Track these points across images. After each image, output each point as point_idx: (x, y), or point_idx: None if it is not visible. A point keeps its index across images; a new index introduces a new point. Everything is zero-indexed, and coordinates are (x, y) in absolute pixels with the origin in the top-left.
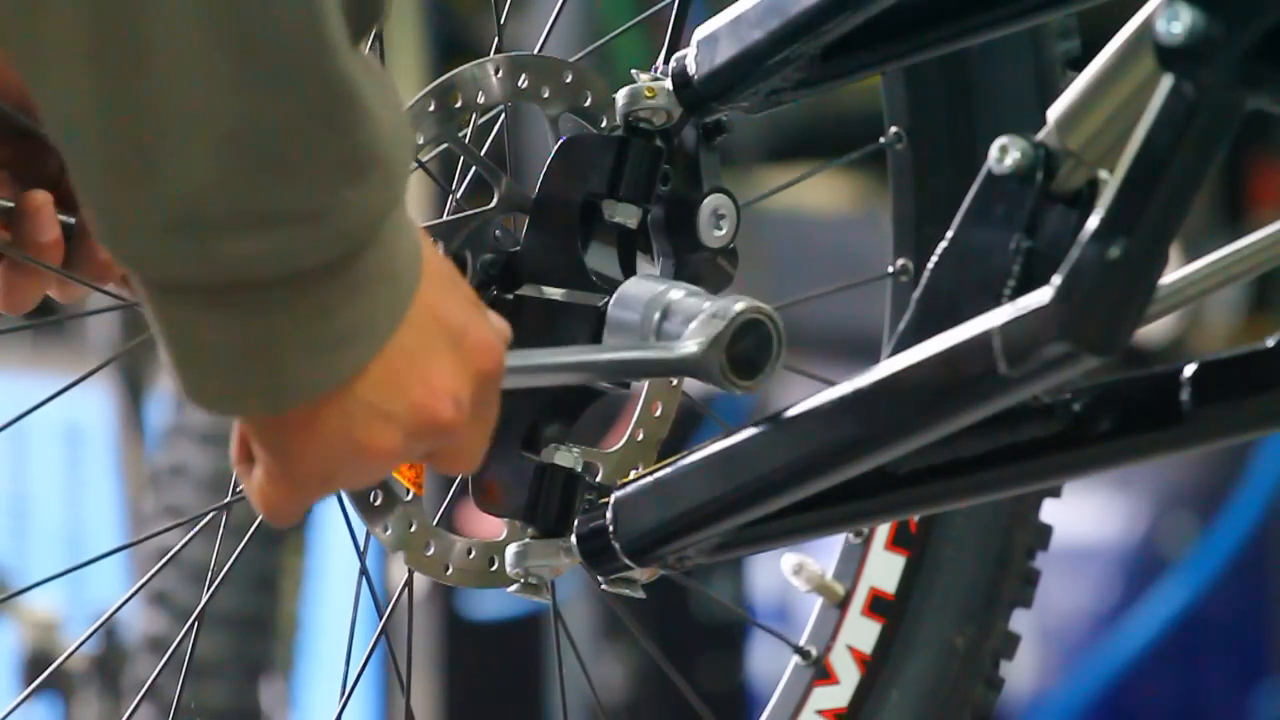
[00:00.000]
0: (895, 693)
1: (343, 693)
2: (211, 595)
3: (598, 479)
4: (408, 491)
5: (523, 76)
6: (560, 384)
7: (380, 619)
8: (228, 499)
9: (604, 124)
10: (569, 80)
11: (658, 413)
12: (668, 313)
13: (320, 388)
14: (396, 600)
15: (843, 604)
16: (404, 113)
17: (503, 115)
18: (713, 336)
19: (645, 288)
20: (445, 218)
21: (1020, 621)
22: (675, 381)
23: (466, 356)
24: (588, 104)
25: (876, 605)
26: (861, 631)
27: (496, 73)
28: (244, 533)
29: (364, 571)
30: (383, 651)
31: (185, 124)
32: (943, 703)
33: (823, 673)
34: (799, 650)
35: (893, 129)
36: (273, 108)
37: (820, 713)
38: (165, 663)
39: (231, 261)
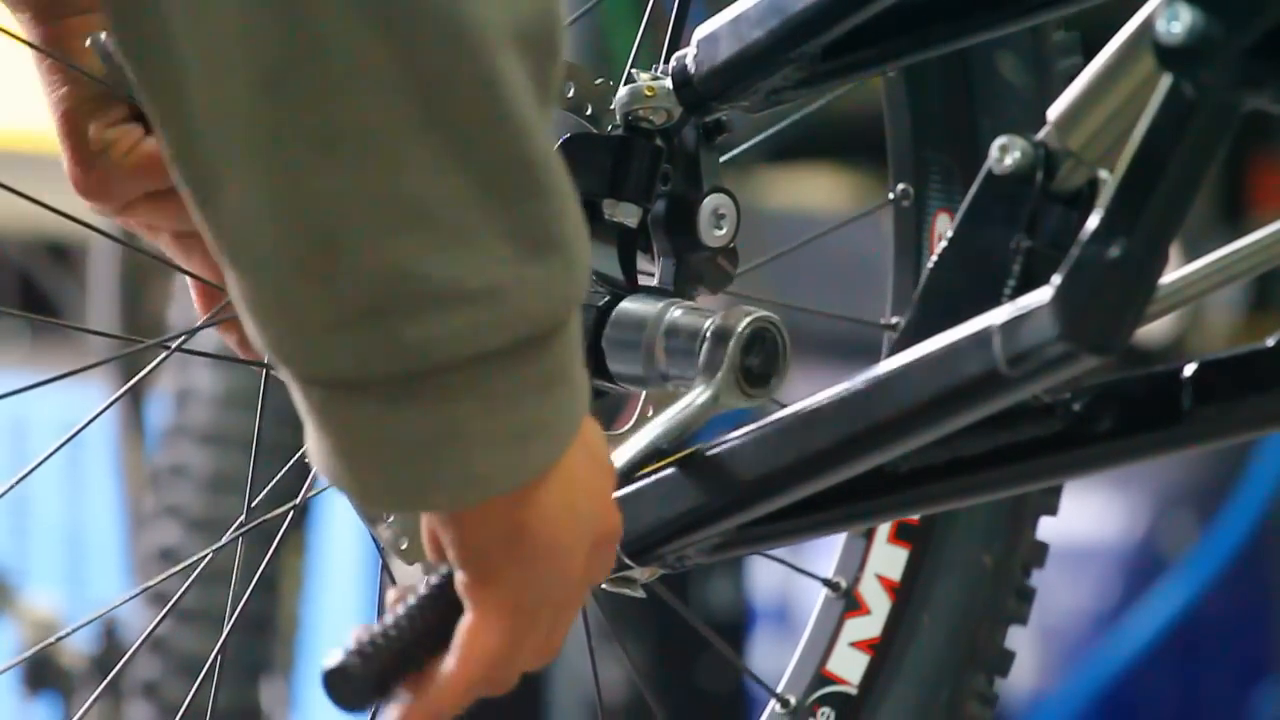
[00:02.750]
0: (927, 616)
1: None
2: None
3: None
4: None
5: None
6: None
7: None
8: (222, 542)
9: (588, 112)
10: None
11: (650, 415)
12: (671, 333)
13: (514, 481)
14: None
15: (868, 533)
16: (580, 205)
17: None
18: (723, 369)
19: (642, 308)
20: None
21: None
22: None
23: (607, 465)
24: (570, 95)
25: (902, 532)
26: (889, 559)
27: None
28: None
29: (386, 569)
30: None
31: (369, 207)
32: (976, 620)
33: (853, 604)
34: (828, 583)
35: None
36: (457, 180)
37: (854, 644)
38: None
39: (417, 347)
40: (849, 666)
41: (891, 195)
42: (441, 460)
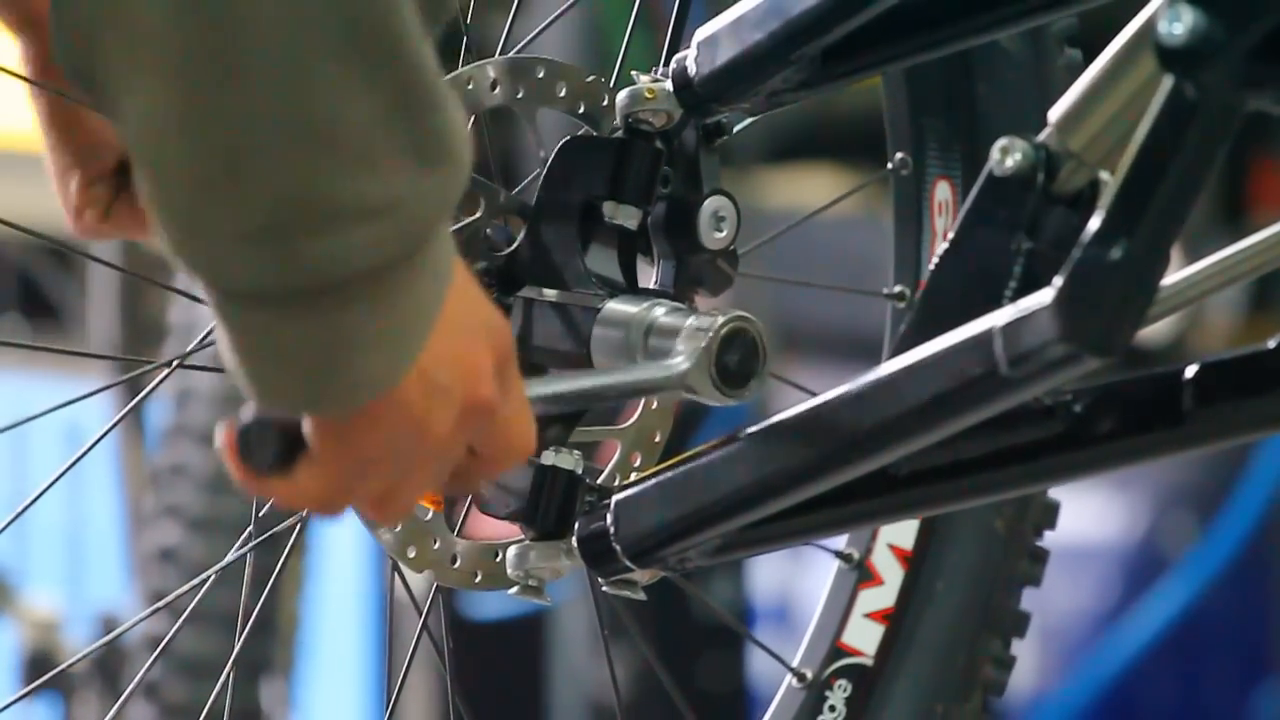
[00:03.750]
0: (941, 584)
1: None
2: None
3: (598, 481)
4: (428, 511)
5: (493, 79)
6: (565, 404)
7: (420, 620)
8: (209, 574)
9: (581, 110)
10: (541, 76)
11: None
12: (652, 330)
13: (396, 378)
14: (431, 605)
15: None
16: (459, 103)
17: (504, 119)
18: (700, 350)
19: (629, 306)
20: None
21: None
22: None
23: (487, 337)
24: (562, 94)
25: None
26: (900, 528)
27: (468, 83)
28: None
29: (403, 579)
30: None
31: (277, 129)
32: (990, 585)
33: (866, 575)
34: (840, 555)
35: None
36: (363, 101)
37: (869, 615)
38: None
39: (318, 263)
40: (864, 638)
41: (890, 164)
42: (335, 367)
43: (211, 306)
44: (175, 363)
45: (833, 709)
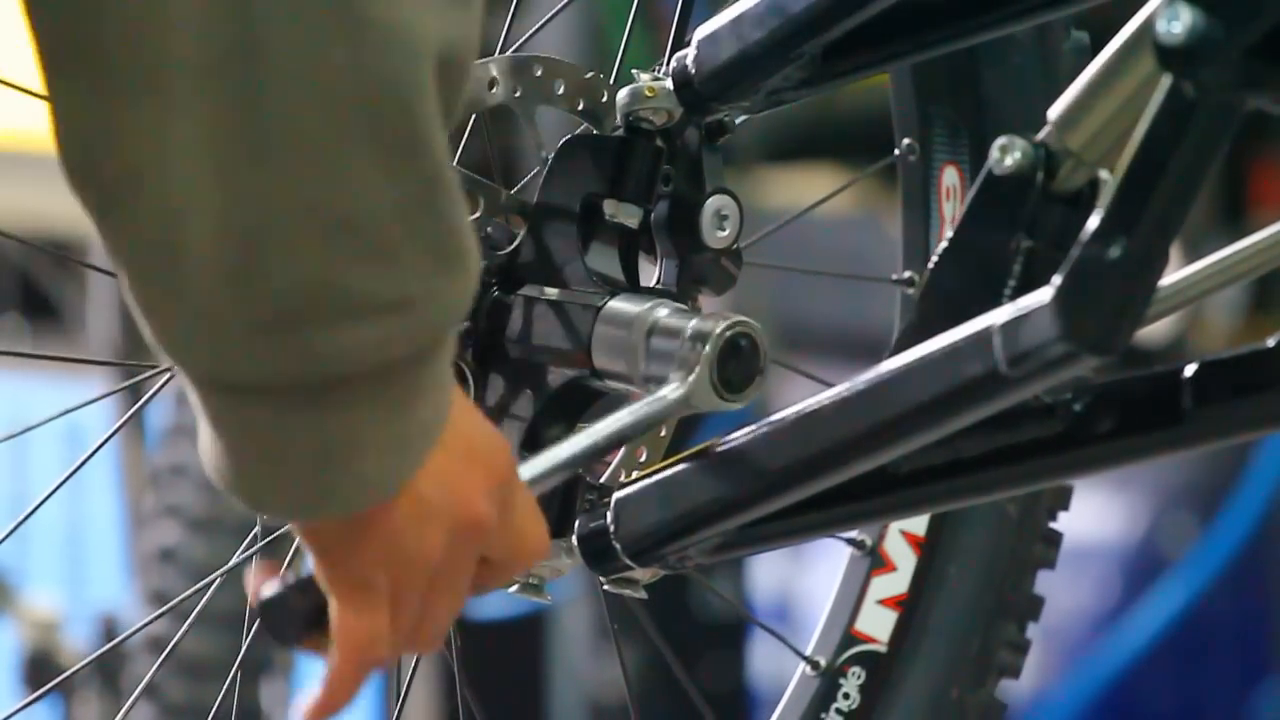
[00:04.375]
0: (954, 569)
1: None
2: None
3: (600, 479)
4: None
5: (491, 78)
6: (576, 469)
7: None
8: (215, 576)
9: (580, 107)
10: (539, 74)
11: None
12: (654, 330)
13: (395, 486)
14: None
15: None
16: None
17: (504, 118)
18: (698, 369)
19: (631, 306)
20: None
21: None
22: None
23: (483, 459)
24: (560, 92)
25: None
26: None
27: None
28: (245, 532)
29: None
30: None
31: (300, 217)
32: (1003, 569)
33: (879, 561)
34: (852, 542)
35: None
36: (386, 193)
37: (881, 602)
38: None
39: (328, 357)
40: (878, 624)
41: (897, 150)
42: (336, 468)
43: (203, 404)
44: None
45: (847, 696)
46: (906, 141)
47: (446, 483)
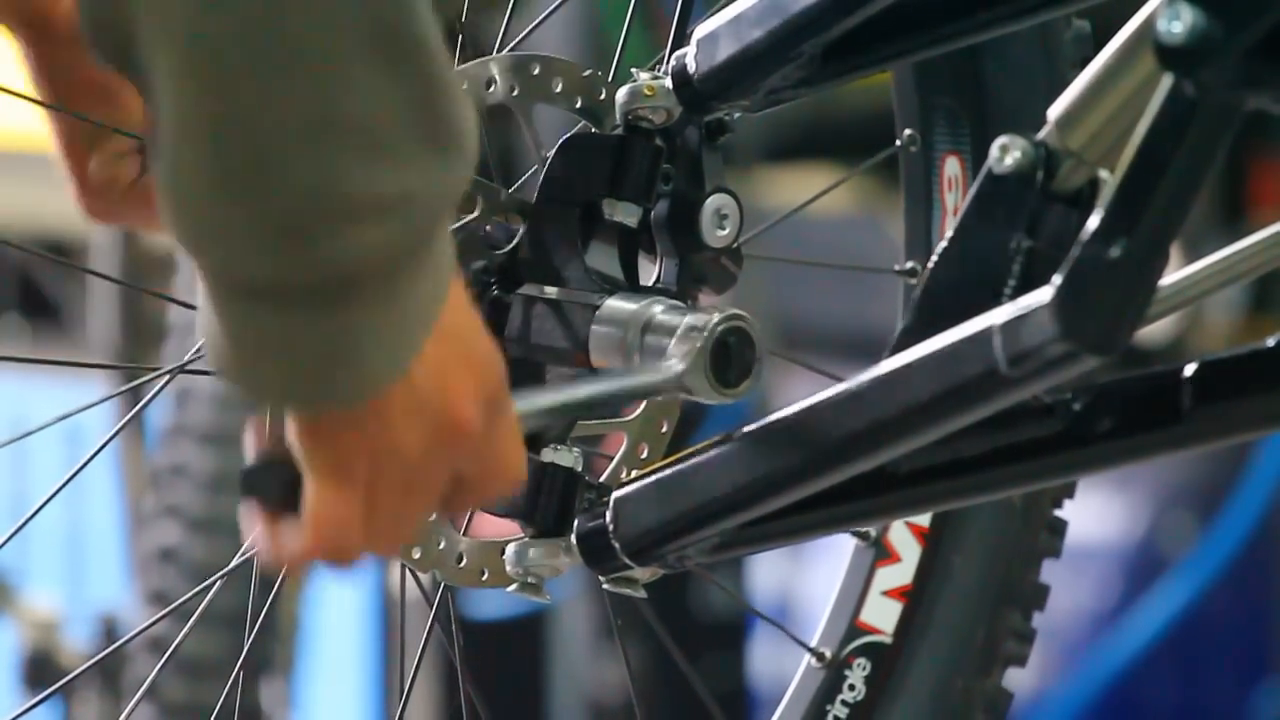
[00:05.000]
0: (958, 559)
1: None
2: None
3: (601, 479)
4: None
5: (489, 76)
6: (563, 416)
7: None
8: (217, 578)
9: (578, 104)
10: (536, 73)
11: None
12: (649, 328)
13: (396, 374)
14: (438, 603)
15: None
16: (467, 97)
17: (504, 117)
18: (695, 352)
19: (627, 304)
20: None
21: None
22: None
23: (479, 367)
24: (558, 90)
25: None
26: None
27: (463, 82)
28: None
29: (416, 579)
30: (384, 654)
31: (304, 123)
32: (1008, 559)
33: (884, 553)
34: (857, 533)
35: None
36: (387, 94)
37: (886, 593)
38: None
39: (333, 259)
40: (883, 616)
41: (899, 141)
42: (339, 363)
43: (213, 302)
44: (175, 370)
45: (852, 688)
46: (908, 132)
47: (439, 378)
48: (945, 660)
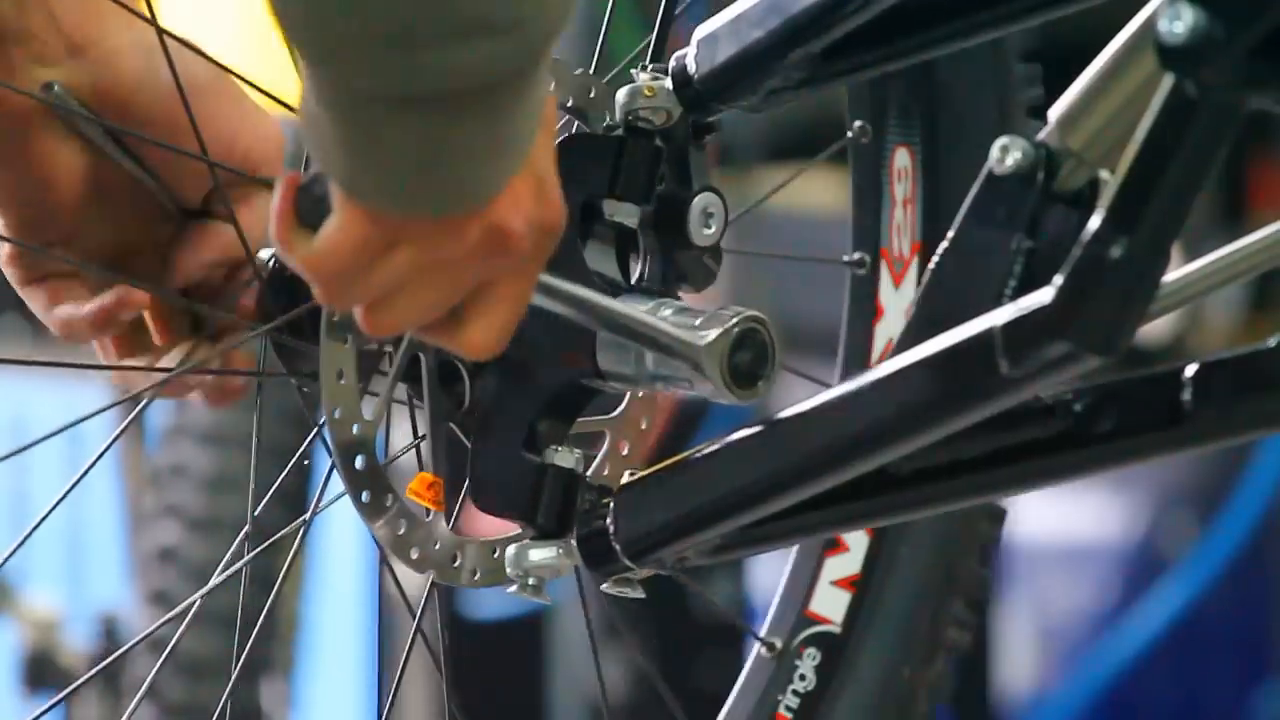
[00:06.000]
0: (905, 549)
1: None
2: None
3: (587, 476)
4: (429, 512)
5: None
6: (575, 318)
7: (414, 620)
8: (219, 579)
9: (569, 104)
10: None
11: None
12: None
13: (490, 193)
14: (426, 604)
15: None
16: None
17: None
18: (723, 332)
19: (636, 307)
20: None
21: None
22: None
23: (544, 197)
24: (552, 90)
25: None
26: None
27: None
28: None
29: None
30: (383, 654)
31: None
32: (951, 549)
33: (832, 543)
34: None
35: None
36: None
37: (835, 583)
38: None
39: (438, 72)
40: (831, 605)
41: (849, 132)
42: (435, 172)
43: (322, 103)
44: (174, 372)
45: (803, 678)
46: (859, 123)
47: (510, 194)
48: (892, 649)
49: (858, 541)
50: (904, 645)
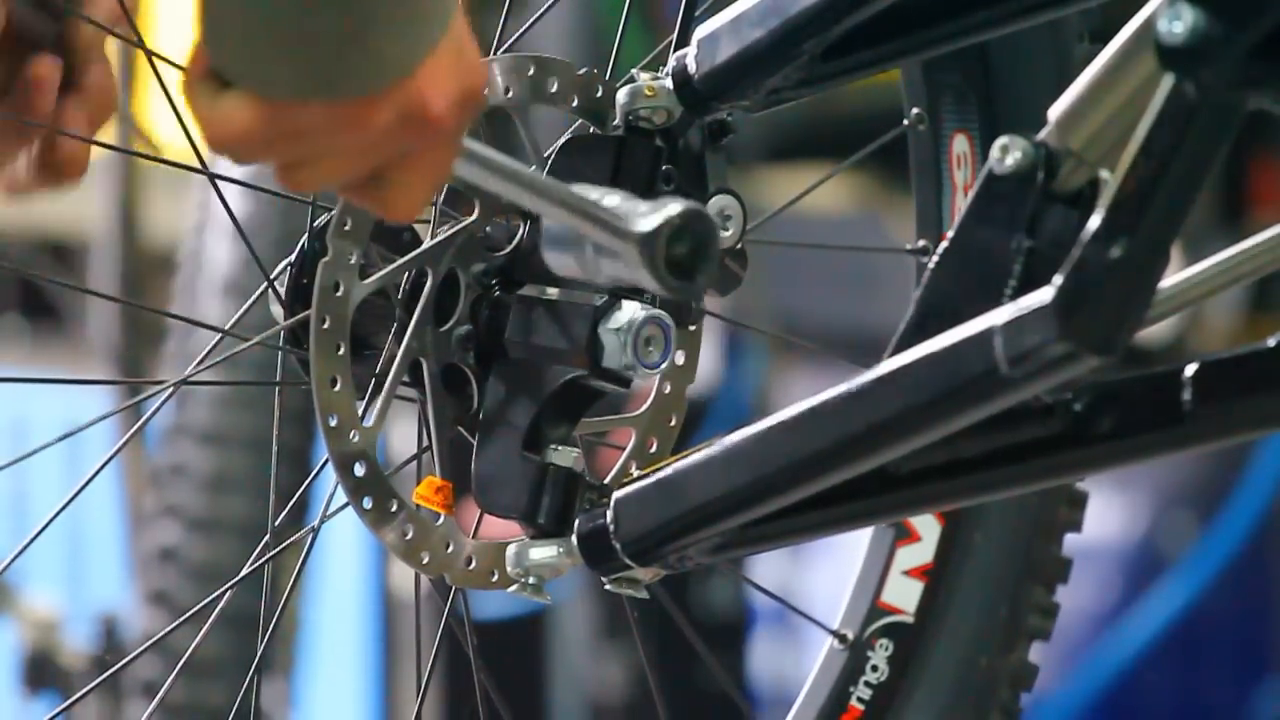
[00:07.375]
0: (979, 535)
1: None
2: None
3: (612, 472)
4: (438, 516)
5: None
6: (508, 197)
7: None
8: (229, 585)
9: (574, 105)
10: (532, 73)
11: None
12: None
13: (411, 67)
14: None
15: None
16: None
17: (503, 116)
18: (663, 220)
19: (575, 187)
20: (430, 242)
21: None
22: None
23: (464, 68)
24: (554, 90)
25: None
26: None
27: None
28: (245, 532)
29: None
30: (383, 653)
31: None
32: (1028, 534)
33: (903, 532)
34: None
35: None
36: None
37: (907, 573)
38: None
39: None
40: (904, 595)
41: (906, 120)
42: (356, 50)
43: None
44: (178, 384)
45: (875, 669)
46: (915, 111)
47: (429, 71)
48: (968, 638)
49: (930, 530)
50: (980, 634)
